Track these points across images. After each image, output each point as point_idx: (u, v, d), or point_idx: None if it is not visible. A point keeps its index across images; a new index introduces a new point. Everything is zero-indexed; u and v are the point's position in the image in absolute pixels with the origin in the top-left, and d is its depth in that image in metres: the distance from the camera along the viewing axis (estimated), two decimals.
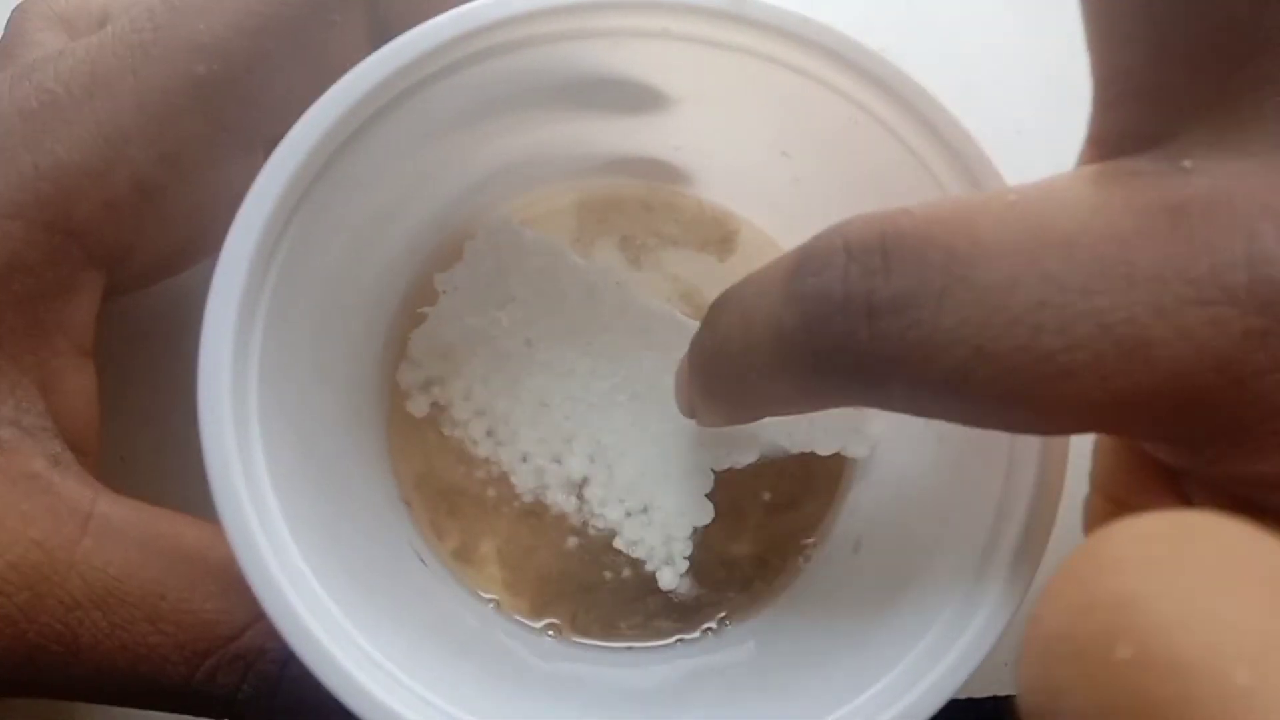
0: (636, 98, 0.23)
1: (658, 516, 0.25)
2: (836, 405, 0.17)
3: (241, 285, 0.18)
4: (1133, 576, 0.11)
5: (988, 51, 0.28)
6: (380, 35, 0.22)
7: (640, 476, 0.25)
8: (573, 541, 0.26)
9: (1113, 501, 0.17)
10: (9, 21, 0.24)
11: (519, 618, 0.25)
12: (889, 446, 0.25)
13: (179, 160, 0.21)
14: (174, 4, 0.21)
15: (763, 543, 0.26)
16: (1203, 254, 0.13)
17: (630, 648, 0.25)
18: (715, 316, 0.19)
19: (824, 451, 0.25)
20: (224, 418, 0.18)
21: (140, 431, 0.27)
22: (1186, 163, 0.14)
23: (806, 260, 0.16)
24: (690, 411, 0.22)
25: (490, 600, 0.25)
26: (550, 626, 0.25)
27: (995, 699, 0.27)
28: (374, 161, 0.21)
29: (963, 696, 0.19)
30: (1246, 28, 0.14)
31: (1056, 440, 0.19)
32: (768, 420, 0.25)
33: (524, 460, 0.26)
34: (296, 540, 0.18)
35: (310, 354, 0.21)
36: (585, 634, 0.25)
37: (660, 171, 0.26)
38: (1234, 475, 0.14)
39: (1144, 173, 0.15)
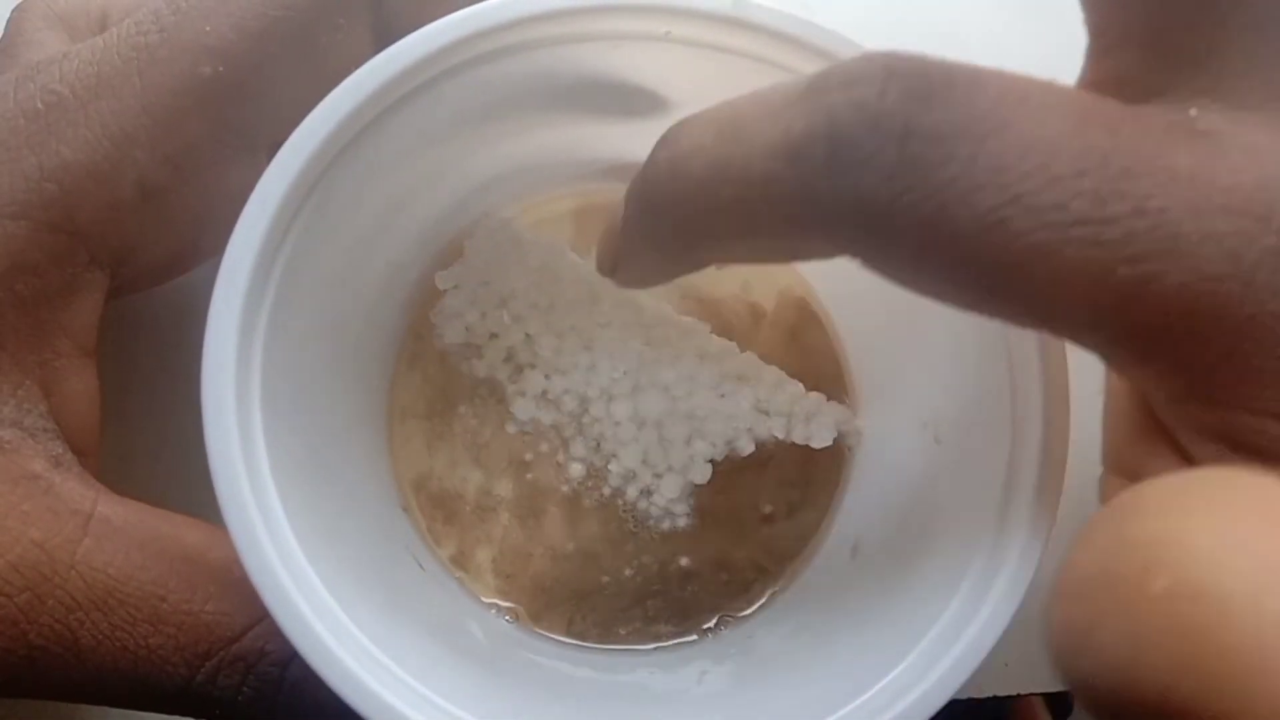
0: (635, 102, 0.23)
1: (658, 502, 0.25)
2: (816, 248, 0.16)
3: (244, 289, 0.18)
4: (1169, 518, 0.11)
5: (988, 51, 0.27)
6: (384, 40, 0.22)
7: (640, 467, 0.25)
8: (570, 547, 0.26)
9: (1124, 474, 0.17)
10: (9, 21, 0.25)
11: (514, 622, 0.25)
12: (886, 449, 0.25)
13: (183, 162, 0.21)
14: (179, 6, 0.21)
15: (761, 549, 0.26)
16: (1227, 172, 0.14)
17: (628, 650, 0.25)
18: (677, 134, 0.17)
19: (819, 444, 0.25)
20: (228, 421, 0.18)
21: (139, 432, 0.27)
22: (1193, 111, 0.14)
23: (831, 75, 0.15)
24: (611, 267, 0.20)
25: (489, 605, 0.25)
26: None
27: (996, 699, 0.27)
28: (375, 165, 0.21)
29: (964, 697, 0.19)
30: None
31: (1057, 445, 0.19)
32: (761, 412, 0.25)
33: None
34: (300, 542, 0.18)
35: (312, 356, 0.21)
36: (583, 638, 0.25)
37: None
38: (1233, 406, 0.14)
39: (1155, 114, 0.15)
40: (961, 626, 0.18)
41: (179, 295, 0.26)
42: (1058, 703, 0.89)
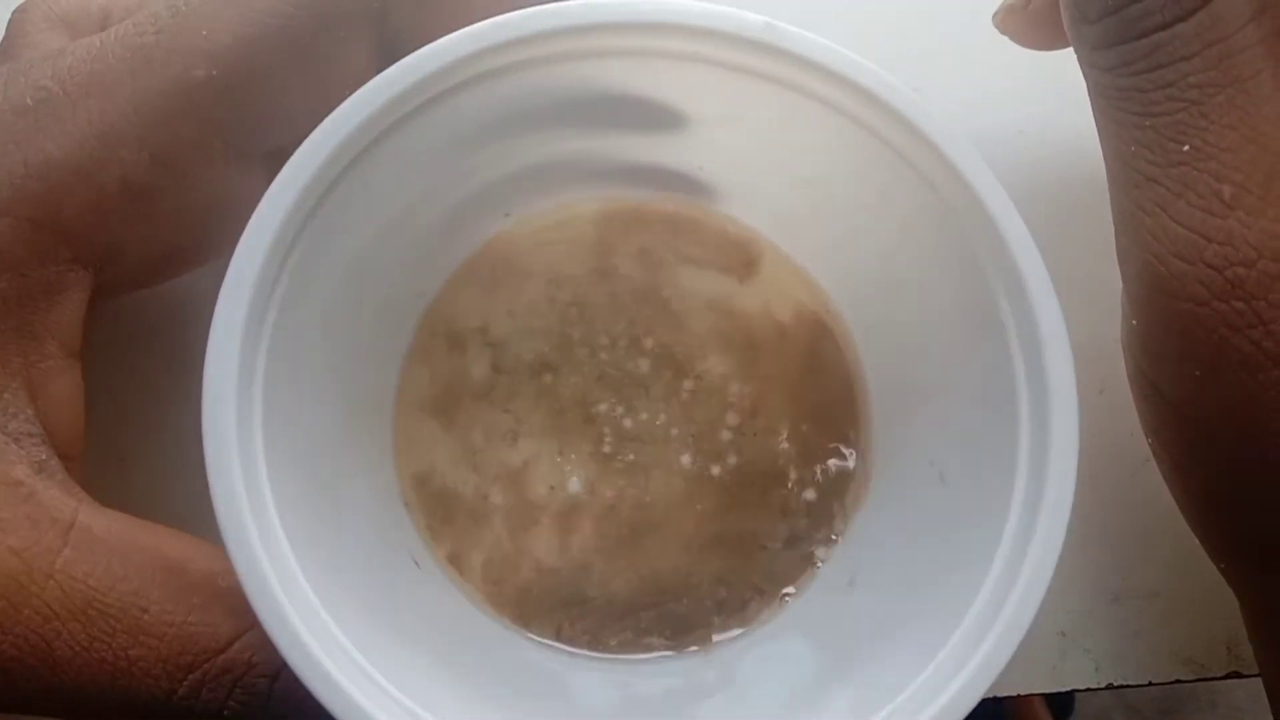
0: (660, 118, 0.22)
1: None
2: None
3: (251, 287, 0.18)
4: None
5: (988, 51, 0.27)
6: (388, 55, 0.22)
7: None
8: (560, 559, 0.25)
9: None
10: (10, 22, 0.24)
11: (504, 624, 0.25)
12: (889, 484, 0.25)
13: (170, 163, 0.21)
14: (179, 9, 0.21)
15: (759, 572, 0.26)
16: None
17: (619, 659, 0.25)
18: None
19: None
20: (228, 432, 0.17)
21: (138, 431, 0.27)
22: None
23: None
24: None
25: (481, 607, 0.25)
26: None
27: (996, 699, 0.27)
28: (389, 173, 0.20)
29: None
30: None
31: (1058, 507, 0.18)
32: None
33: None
34: (294, 546, 0.18)
35: (318, 352, 0.21)
36: (572, 644, 0.25)
37: (685, 185, 0.26)
38: None
39: None
40: (951, 674, 0.18)
41: (180, 295, 0.25)
42: (1058, 703, 0.89)
